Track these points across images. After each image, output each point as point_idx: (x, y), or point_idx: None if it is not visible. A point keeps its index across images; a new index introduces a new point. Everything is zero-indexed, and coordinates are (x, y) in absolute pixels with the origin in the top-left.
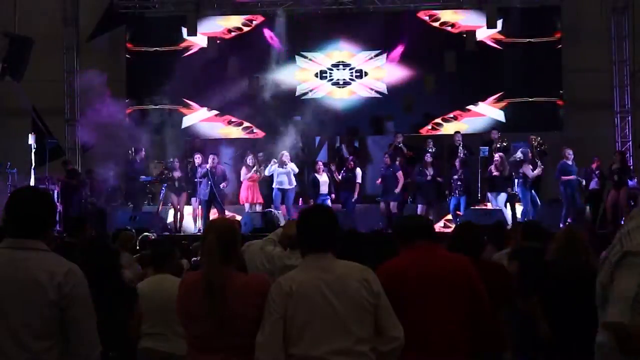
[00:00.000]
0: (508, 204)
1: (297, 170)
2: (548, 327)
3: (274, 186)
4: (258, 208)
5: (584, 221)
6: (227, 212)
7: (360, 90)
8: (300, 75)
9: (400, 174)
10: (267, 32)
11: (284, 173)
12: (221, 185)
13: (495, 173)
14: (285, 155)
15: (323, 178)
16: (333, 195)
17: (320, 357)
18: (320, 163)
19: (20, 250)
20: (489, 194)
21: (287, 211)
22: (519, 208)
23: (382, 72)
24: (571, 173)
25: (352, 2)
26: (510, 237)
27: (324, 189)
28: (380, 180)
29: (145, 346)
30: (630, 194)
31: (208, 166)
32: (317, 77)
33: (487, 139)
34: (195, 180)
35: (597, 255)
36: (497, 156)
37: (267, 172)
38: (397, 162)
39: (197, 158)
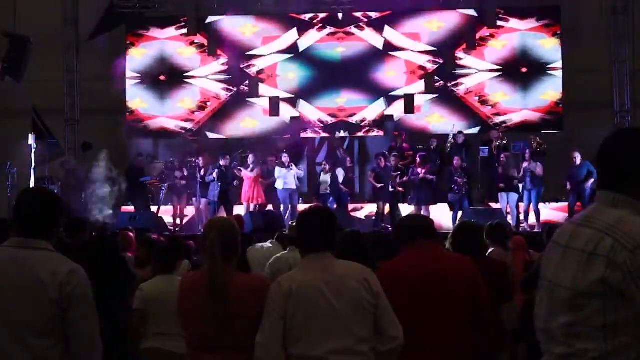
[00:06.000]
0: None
1: (301, 172)
2: None
3: (279, 187)
4: (254, 208)
5: None
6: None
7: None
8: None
9: (393, 174)
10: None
11: (288, 174)
12: (234, 183)
13: (506, 172)
14: (285, 156)
15: (326, 178)
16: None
17: (320, 357)
18: (326, 163)
19: (24, 249)
20: (499, 194)
21: (292, 212)
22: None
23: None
24: (576, 176)
25: (351, 2)
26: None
27: (325, 188)
28: (373, 178)
29: (150, 346)
30: None
31: (223, 166)
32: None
33: (486, 139)
34: (199, 180)
35: None
36: (502, 156)
37: (276, 175)
38: (393, 162)
39: (200, 158)
